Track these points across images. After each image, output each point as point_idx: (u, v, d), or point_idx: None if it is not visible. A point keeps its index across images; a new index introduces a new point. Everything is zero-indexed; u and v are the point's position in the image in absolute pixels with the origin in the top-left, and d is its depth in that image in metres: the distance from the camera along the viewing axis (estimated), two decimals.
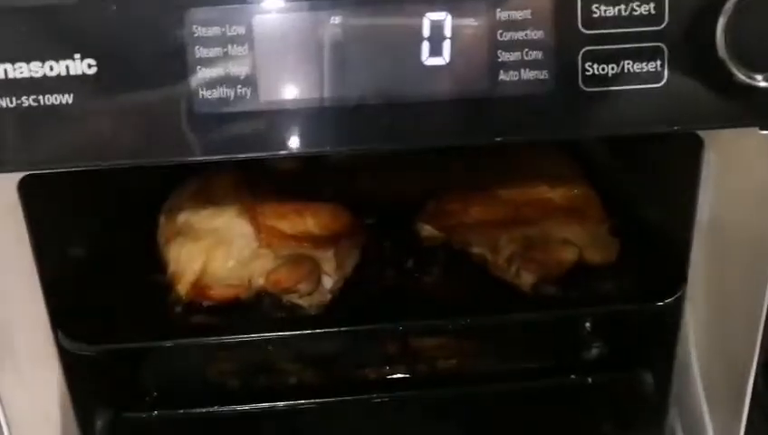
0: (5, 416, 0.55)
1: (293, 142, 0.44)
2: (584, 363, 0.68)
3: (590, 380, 0.66)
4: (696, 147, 0.51)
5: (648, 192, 0.64)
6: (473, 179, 0.66)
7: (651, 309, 0.58)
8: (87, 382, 0.57)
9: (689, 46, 0.43)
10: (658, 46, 0.43)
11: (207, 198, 0.63)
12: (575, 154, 0.70)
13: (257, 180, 0.64)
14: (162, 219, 0.64)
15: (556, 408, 0.66)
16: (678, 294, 0.56)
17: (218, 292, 0.59)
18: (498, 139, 0.44)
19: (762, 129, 0.46)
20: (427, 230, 0.65)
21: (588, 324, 0.69)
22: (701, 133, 0.50)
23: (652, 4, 0.42)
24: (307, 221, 0.61)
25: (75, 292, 0.57)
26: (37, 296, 0.51)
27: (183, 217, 0.63)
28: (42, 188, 0.49)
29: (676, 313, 0.57)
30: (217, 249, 0.60)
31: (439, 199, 0.66)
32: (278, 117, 0.43)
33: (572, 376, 0.66)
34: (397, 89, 0.43)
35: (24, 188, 0.48)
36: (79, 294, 0.57)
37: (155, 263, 0.63)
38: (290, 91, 0.43)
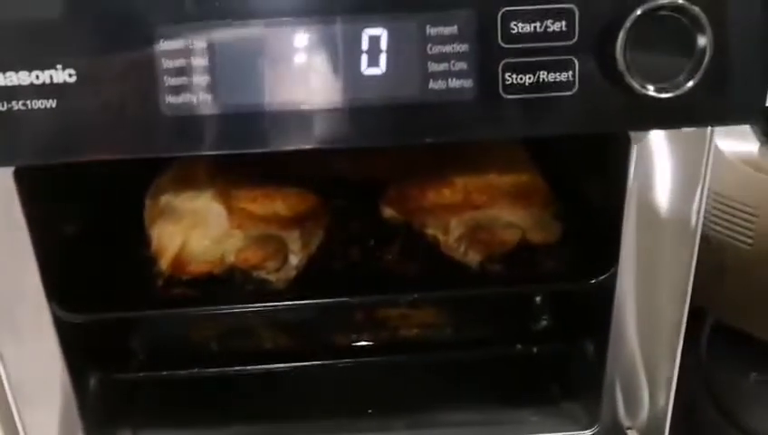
0: (9, 378, 0.60)
1: (248, 141, 0.49)
2: (529, 334, 0.74)
3: (535, 349, 0.71)
4: (625, 142, 0.55)
5: (587, 180, 0.68)
6: (432, 166, 0.71)
7: (586, 286, 0.62)
8: (80, 348, 0.61)
9: (596, 59, 0.48)
10: (570, 59, 0.48)
11: (187, 183, 0.68)
12: (526, 142, 0.74)
13: (232, 166, 0.69)
14: (148, 201, 0.69)
15: (505, 374, 0.72)
16: (611, 271, 0.60)
17: (195, 267, 0.64)
18: (428, 140, 0.50)
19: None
20: (389, 212, 0.70)
21: (536, 299, 0.75)
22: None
23: (564, 23, 0.47)
24: (276, 204, 0.66)
25: (69, 267, 0.60)
26: (34, 272, 0.56)
27: (165, 200, 0.68)
28: (36, 176, 0.53)
29: (610, 288, 0.61)
30: (195, 229, 0.65)
31: (400, 184, 0.71)
32: (235, 119, 0.48)
33: (519, 346, 0.71)
34: (338, 95, 0.48)
35: (20, 175, 0.52)
36: (72, 270, 0.61)
37: (141, 241, 0.68)
38: (244, 97, 0.48)
